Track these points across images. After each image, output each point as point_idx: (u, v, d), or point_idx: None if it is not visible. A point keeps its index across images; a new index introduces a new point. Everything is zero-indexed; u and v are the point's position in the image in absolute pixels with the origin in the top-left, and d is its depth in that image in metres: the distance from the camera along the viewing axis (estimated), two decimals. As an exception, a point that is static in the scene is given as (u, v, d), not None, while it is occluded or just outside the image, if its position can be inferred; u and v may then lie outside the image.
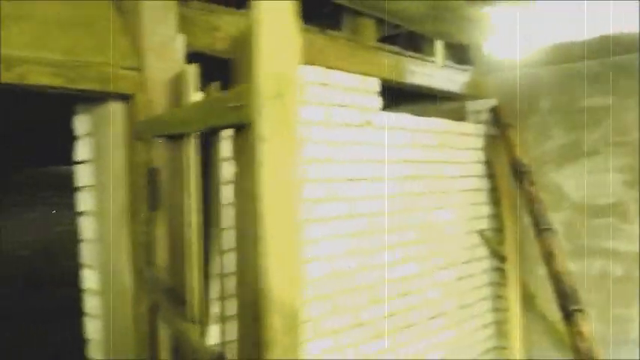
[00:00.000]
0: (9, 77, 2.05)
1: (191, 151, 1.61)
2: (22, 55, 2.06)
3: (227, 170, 1.98)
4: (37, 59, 2.09)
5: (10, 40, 2.05)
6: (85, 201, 2.47)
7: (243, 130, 1.06)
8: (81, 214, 2.49)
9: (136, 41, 2.33)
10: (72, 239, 6.97)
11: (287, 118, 1.01)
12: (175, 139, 1.76)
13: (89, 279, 2.48)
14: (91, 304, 2.48)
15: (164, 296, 1.94)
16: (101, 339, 2.45)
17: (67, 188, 6.94)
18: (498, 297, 3.97)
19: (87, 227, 2.47)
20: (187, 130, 1.56)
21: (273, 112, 0.98)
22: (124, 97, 2.30)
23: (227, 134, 1.64)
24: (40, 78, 2.10)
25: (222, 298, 2.17)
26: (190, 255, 1.63)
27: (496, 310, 3.99)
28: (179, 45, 2.43)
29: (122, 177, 2.33)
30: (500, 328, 3.96)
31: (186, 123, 1.56)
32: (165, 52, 2.38)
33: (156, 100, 2.29)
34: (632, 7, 3.12)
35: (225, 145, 1.61)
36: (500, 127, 3.97)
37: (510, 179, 3.92)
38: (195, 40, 2.60)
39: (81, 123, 2.49)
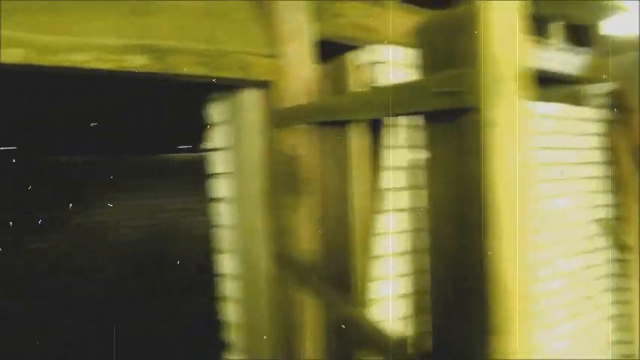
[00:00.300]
0: (159, 67, 2.12)
1: (359, 137, 1.61)
2: (170, 45, 2.13)
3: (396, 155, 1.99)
4: (183, 49, 2.16)
5: (160, 31, 2.12)
6: (221, 187, 2.53)
7: (459, 115, 1.04)
8: (218, 200, 2.55)
9: (272, 29, 2.36)
10: (179, 224, 7.24)
11: (517, 102, 0.99)
12: (334, 125, 1.76)
13: (227, 264, 2.54)
14: (229, 287, 2.55)
15: (314, 280, 1.96)
16: (238, 322, 2.51)
17: (172, 175, 7.21)
18: (622, 289, 3.79)
19: (224, 213, 2.53)
20: (358, 117, 1.55)
21: (503, 97, 0.96)
22: (262, 85, 2.33)
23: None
24: (187, 67, 2.16)
25: (381, 279, 2.17)
26: (354, 239, 1.63)
27: (619, 302, 3.82)
28: (311, 32, 2.44)
29: (260, 163, 2.36)
30: (625, 321, 3.78)
31: (356, 109, 1.55)
32: (298, 39, 2.40)
33: (293, 87, 2.31)
34: None
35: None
36: (621, 112, 3.78)
37: (633, 166, 3.72)
38: (322, 27, 2.61)
39: (217, 111, 2.54)
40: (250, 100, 2.38)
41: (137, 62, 2.08)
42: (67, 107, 4.70)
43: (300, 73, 2.35)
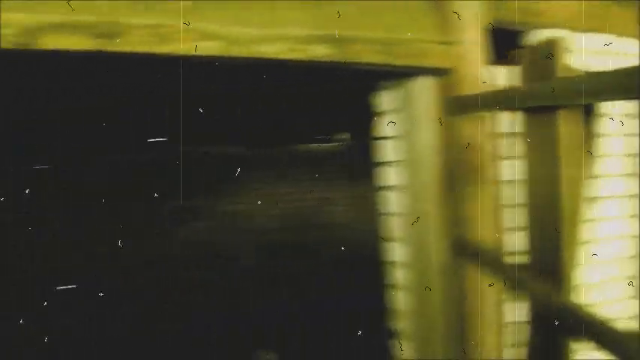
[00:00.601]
0: (341, 56, 2.15)
1: (569, 123, 1.56)
2: (350, 35, 2.15)
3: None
4: (363, 38, 2.18)
5: (340, 21, 2.16)
6: (391, 176, 2.54)
7: None
8: (387, 188, 2.56)
9: (447, 16, 2.33)
10: (315, 213, 7.41)
11: None
12: (535, 112, 1.72)
13: (395, 252, 2.55)
14: (397, 276, 2.56)
15: (504, 269, 1.92)
16: (408, 310, 2.52)
17: (309, 165, 7.37)
18: None
19: (393, 202, 2.54)
20: (573, 102, 1.50)
21: None
22: (438, 72, 2.31)
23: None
24: (367, 56, 2.18)
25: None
26: (564, 226, 1.58)
27: None
28: (485, 19, 2.39)
29: (434, 151, 2.34)
30: None
31: (572, 95, 1.49)
32: (473, 26, 2.35)
33: (469, 74, 2.28)
34: None
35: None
36: None
37: None
38: (493, 13, 2.55)
39: (386, 99, 2.55)
40: (424, 87, 2.36)
41: (321, 52, 2.12)
42: (212, 99, 4.91)
43: (475, 60, 2.31)
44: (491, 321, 2.19)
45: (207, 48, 2.01)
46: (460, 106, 2.24)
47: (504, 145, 2.35)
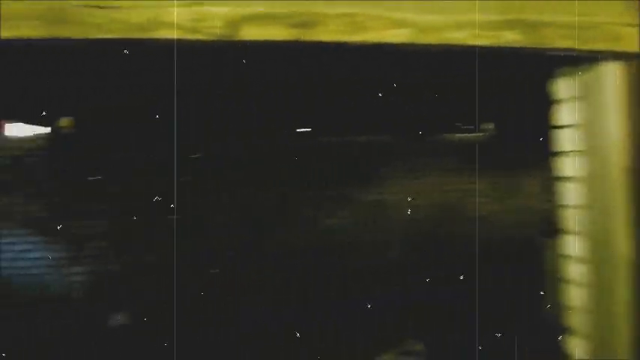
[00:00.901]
0: (530, 41, 2.09)
1: None
2: (539, 19, 2.09)
3: None
4: (551, 22, 2.11)
5: (527, 6, 2.10)
6: (568, 166, 2.44)
7: None
8: (564, 179, 2.48)
9: (636, -2, 2.21)
10: (455, 205, 7.30)
11: None
12: None
13: (571, 245, 2.46)
14: (573, 270, 2.46)
15: None
16: (583, 307, 2.42)
17: (448, 155, 7.25)
18: None
19: (571, 193, 2.44)
20: None
21: None
22: (628, 57, 2.20)
23: None
24: (556, 40, 2.11)
25: None
26: None
27: None
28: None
29: (621, 140, 2.23)
30: None
31: None
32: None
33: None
34: None
35: None
36: None
37: None
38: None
39: (564, 86, 2.46)
40: (612, 73, 2.25)
41: (510, 37, 2.07)
42: (352, 89, 4.93)
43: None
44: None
45: (398, 35, 2.01)
46: (656, 92, 2.12)
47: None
